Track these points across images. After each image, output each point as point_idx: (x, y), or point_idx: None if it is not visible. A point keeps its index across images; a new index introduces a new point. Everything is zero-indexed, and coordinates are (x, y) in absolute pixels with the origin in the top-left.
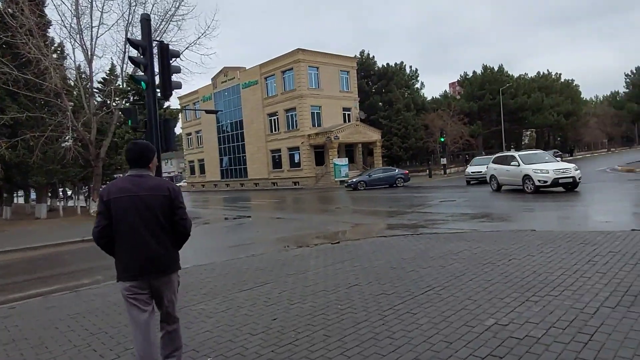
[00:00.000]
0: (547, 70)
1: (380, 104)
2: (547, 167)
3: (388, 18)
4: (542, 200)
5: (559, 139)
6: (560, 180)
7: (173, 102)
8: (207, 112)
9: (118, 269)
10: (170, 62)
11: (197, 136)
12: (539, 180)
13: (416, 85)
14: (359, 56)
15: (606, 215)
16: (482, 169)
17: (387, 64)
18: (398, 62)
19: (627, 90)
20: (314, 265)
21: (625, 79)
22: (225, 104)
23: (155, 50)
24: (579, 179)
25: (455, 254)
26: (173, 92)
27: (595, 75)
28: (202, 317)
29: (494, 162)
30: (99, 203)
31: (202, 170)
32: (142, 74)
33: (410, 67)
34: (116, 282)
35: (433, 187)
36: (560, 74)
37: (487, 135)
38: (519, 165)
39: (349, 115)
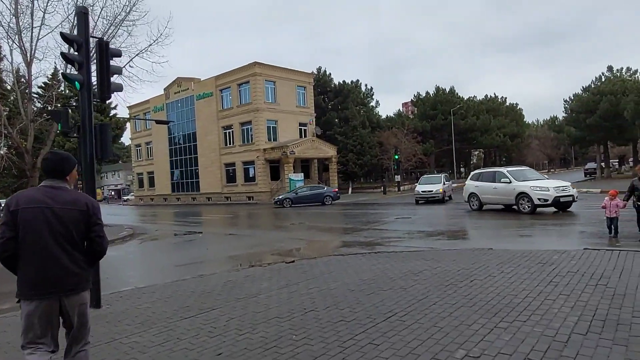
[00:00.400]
0: (494, 94)
1: (336, 120)
2: (547, 184)
3: (342, 38)
4: (491, 219)
5: (504, 159)
6: (562, 199)
7: (122, 112)
8: (158, 122)
9: (22, 287)
10: (111, 61)
11: (147, 147)
12: (538, 199)
13: (371, 104)
14: (316, 73)
15: (557, 234)
16: (433, 187)
17: (344, 81)
18: (354, 80)
19: (566, 115)
20: (267, 287)
21: (564, 104)
22: (178, 115)
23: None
24: (576, 198)
25: (416, 274)
26: (112, 94)
27: (535, 100)
28: (135, 351)
29: (474, 179)
30: (4, 213)
31: (152, 183)
32: (77, 73)
33: (366, 85)
34: (17, 302)
35: (388, 203)
36: (505, 98)
37: (439, 154)
38: (510, 183)
39: (305, 130)
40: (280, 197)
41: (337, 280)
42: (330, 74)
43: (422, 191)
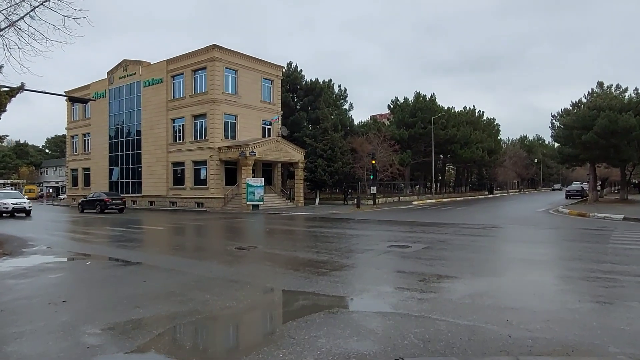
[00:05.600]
0: (473, 106)
1: (305, 122)
2: None
3: (282, 49)
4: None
5: (473, 176)
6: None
7: (14, 77)
8: (72, 99)
9: None
10: None
11: (85, 140)
12: None
13: (344, 106)
14: (286, 68)
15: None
16: None
17: (316, 78)
18: (326, 80)
19: (554, 131)
20: None
21: (552, 119)
22: (122, 103)
23: None
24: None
25: None
26: None
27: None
28: None
29: None
30: None
31: (87, 181)
32: None
33: (339, 86)
34: None
35: (365, 220)
36: (483, 112)
37: (413, 166)
38: None
39: (269, 129)
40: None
41: None
42: (301, 70)
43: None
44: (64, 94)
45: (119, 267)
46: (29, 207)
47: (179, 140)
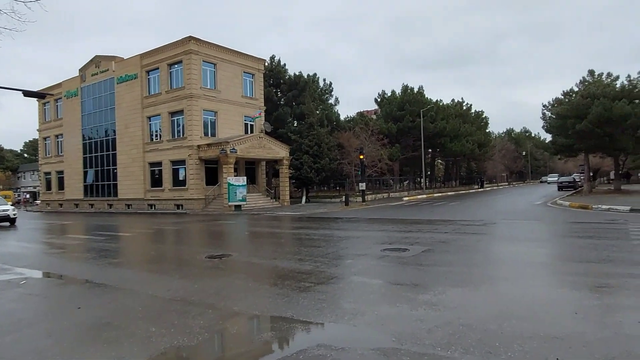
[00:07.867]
0: (462, 98)
1: (290, 117)
2: None
3: (256, 46)
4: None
5: (462, 171)
6: None
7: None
8: (27, 94)
9: None
10: None
11: (57, 142)
12: None
13: (330, 100)
14: (269, 62)
15: None
16: None
17: (300, 72)
18: (311, 74)
19: (547, 121)
20: None
21: (543, 109)
22: (95, 102)
23: None
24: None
25: None
26: None
27: None
28: None
29: None
30: None
31: (61, 185)
32: None
33: (324, 80)
34: None
35: (355, 219)
36: (471, 104)
37: (402, 161)
38: None
39: (251, 126)
40: None
41: None
42: (285, 64)
43: None
44: (18, 88)
45: (57, 286)
46: (14, 215)
47: (156, 139)
